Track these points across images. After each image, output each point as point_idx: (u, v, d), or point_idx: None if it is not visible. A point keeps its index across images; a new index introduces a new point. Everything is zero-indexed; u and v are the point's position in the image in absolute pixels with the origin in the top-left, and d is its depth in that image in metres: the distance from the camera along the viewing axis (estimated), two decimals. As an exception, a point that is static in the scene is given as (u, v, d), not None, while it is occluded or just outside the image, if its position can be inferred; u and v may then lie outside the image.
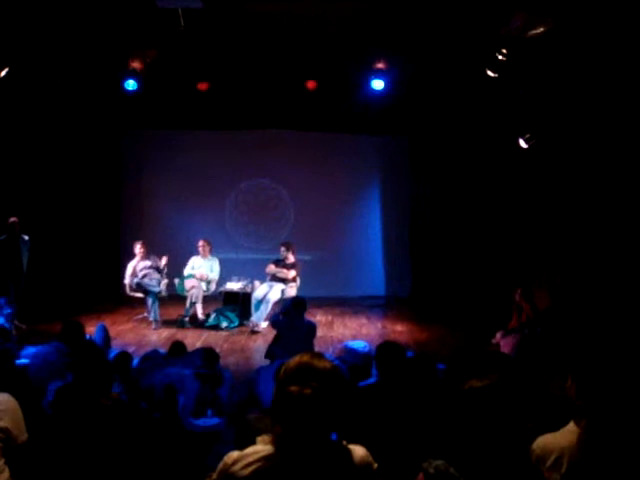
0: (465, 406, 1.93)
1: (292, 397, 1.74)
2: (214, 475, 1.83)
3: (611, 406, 2.27)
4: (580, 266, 7.93)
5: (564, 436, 2.31)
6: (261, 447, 1.79)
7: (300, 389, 1.74)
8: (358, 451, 1.85)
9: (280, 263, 9.47)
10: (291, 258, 9.46)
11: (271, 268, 9.40)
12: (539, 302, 7.66)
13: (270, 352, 6.59)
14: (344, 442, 1.85)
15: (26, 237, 8.59)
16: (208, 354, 5.54)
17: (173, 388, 4.60)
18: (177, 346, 5.97)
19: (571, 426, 2.33)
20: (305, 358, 1.83)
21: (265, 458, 1.76)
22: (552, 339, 5.72)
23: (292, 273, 9.34)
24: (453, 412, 1.95)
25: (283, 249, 9.49)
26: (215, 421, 4.94)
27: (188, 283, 9.33)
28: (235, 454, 1.80)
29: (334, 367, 1.83)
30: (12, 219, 8.45)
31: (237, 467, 1.77)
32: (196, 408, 5.01)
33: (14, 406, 2.93)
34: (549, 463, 2.26)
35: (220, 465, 1.82)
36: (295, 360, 1.84)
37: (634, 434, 2.20)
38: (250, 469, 1.75)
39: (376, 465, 1.88)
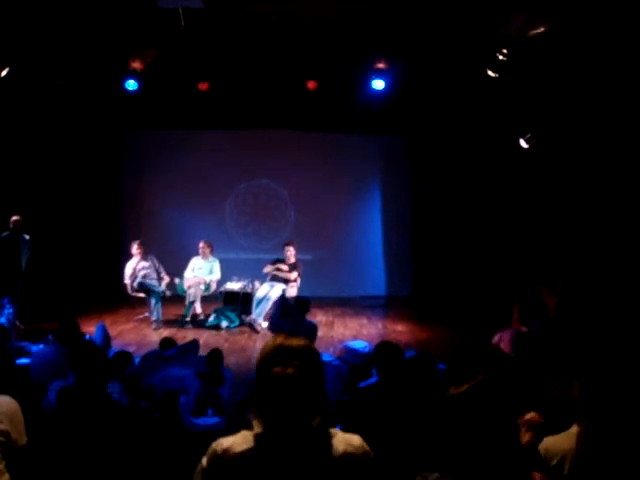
0: (449, 414, 1.92)
1: (276, 378, 1.74)
2: (204, 461, 1.79)
3: (611, 407, 2.27)
4: (582, 266, 7.92)
5: (568, 439, 2.30)
6: (249, 434, 1.78)
7: (283, 369, 1.74)
8: (353, 440, 1.83)
9: (279, 263, 9.43)
10: (292, 258, 9.45)
11: (268, 268, 9.37)
12: (546, 301, 7.63)
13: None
14: (339, 431, 1.83)
15: (27, 237, 8.58)
16: (212, 354, 5.52)
17: (173, 394, 4.58)
18: (166, 343, 5.96)
19: (575, 429, 2.32)
20: (279, 340, 1.82)
21: (255, 447, 1.74)
22: (555, 339, 5.71)
23: (294, 275, 9.32)
24: (441, 420, 1.93)
25: (286, 249, 9.48)
26: (215, 420, 4.94)
27: (186, 283, 9.36)
28: (225, 443, 1.78)
29: (309, 344, 1.84)
30: (15, 217, 8.43)
31: (229, 454, 1.75)
32: (197, 407, 5.01)
33: (15, 409, 2.92)
34: (552, 465, 2.25)
35: (209, 452, 1.79)
36: (269, 344, 1.83)
37: (634, 435, 2.20)
38: (241, 454, 1.74)
39: (372, 454, 1.85)
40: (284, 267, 9.31)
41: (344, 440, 1.81)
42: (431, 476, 1.94)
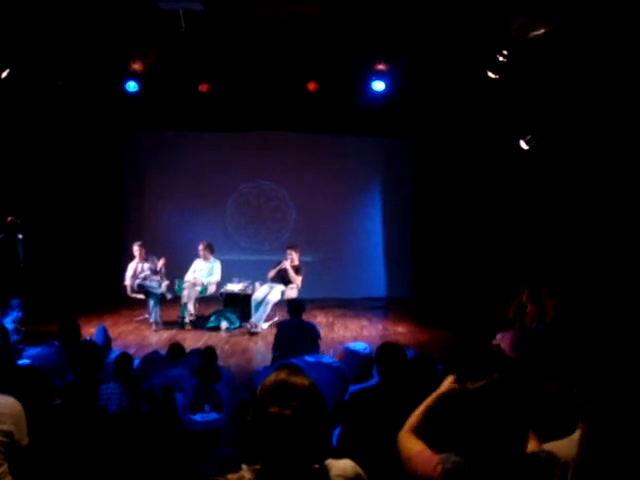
0: (461, 409, 1.90)
1: (271, 418, 1.67)
2: None
3: (613, 408, 2.26)
4: (583, 267, 7.93)
5: (570, 445, 2.29)
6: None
7: (280, 410, 1.67)
8: (347, 471, 1.77)
9: (281, 264, 9.41)
10: (296, 261, 9.44)
11: (272, 273, 9.37)
12: (545, 303, 7.64)
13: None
14: (332, 462, 1.77)
15: (20, 236, 8.68)
16: (206, 352, 5.58)
17: (169, 389, 4.61)
18: (175, 348, 5.99)
19: (577, 434, 2.31)
20: (282, 375, 1.75)
21: None
22: (556, 342, 5.71)
23: (299, 278, 9.32)
24: (452, 415, 1.91)
25: (289, 251, 9.46)
26: (213, 416, 4.97)
27: (185, 285, 9.35)
28: None
29: (312, 384, 1.76)
30: (10, 218, 8.53)
31: None
32: (193, 403, 5.05)
33: (18, 410, 2.94)
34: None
35: None
36: (271, 379, 1.75)
37: (636, 436, 2.19)
38: None
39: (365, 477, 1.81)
40: (290, 270, 9.30)
41: (339, 472, 1.75)
42: (450, 459, 1.92)
